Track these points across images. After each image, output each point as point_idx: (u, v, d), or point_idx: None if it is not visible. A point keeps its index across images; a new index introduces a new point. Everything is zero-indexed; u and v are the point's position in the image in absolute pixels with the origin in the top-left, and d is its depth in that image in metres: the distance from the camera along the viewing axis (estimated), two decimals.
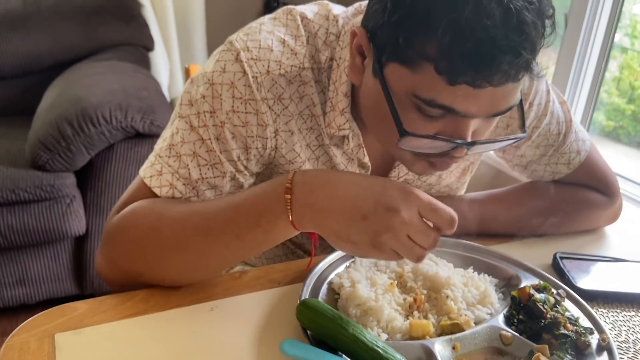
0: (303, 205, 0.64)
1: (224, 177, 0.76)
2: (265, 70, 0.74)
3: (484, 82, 0.59)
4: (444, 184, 0.93)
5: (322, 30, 0.77)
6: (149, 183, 0.75)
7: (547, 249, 0.89)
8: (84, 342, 0.65)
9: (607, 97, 1.99)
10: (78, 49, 2.12)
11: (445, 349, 0.66)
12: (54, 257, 1.76)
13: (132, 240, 0.73)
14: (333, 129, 0.78)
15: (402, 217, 0.60)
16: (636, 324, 0.77)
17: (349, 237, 0.62)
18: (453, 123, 0.65)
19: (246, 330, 0.69)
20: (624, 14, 1.86)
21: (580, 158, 0.93)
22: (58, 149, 1.62)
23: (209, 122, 0.74)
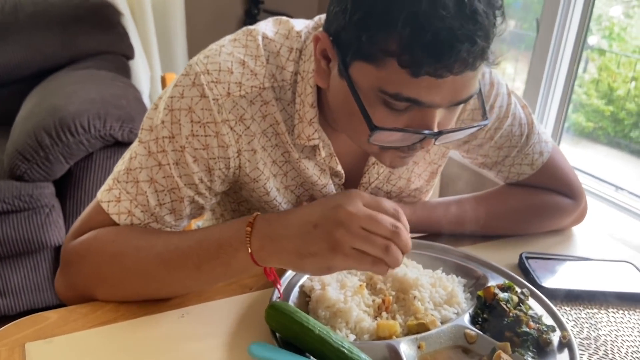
0: (261, 237, 0.66)
1: (181, 202, 0.78)
2: (225, 93, 0.75)
3: (445, 72, 0.61)
4: (413, 187, 0.96)
5: (284, 48, 0.79)
6: (107, 209, 0.76)
7: (514, 250, 0.91)
8: (54, 351, 0.66)
9: (586, 98, 2.03)
10: (57, 58, 2.11)
11: (411, 348, 0.67)
12: (33, 268, 1.76)
13: (94, 266, 0.75)
14: (303, 140, 0.80)
15: (347, 209, 0.62)
16: (598, 320, 0.79)
17: (308, 250, 0.63)
18: (419, 115, 0.67)
19: (217, 335, 0.70)
20: (602, 16, 1.90)
21: (543, 159, 0.96)
22: (36, 158, 1.62)
23: (168, 148, 0.75)
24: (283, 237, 0.65)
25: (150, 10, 2.44)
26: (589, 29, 1.80)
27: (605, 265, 0.90)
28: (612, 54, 1.93)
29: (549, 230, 1.01)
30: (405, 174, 0.94)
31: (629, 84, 1.87)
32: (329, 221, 0.63)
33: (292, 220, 0.66)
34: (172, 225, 0.79)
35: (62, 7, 2.14)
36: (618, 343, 0.74)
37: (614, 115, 1.93)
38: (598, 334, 0.76)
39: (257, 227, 0.67)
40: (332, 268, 0.64)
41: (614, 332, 0.76)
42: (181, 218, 0.79)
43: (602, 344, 0.74)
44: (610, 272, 0.88)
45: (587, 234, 1.03)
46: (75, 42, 2.14)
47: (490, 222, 0.95)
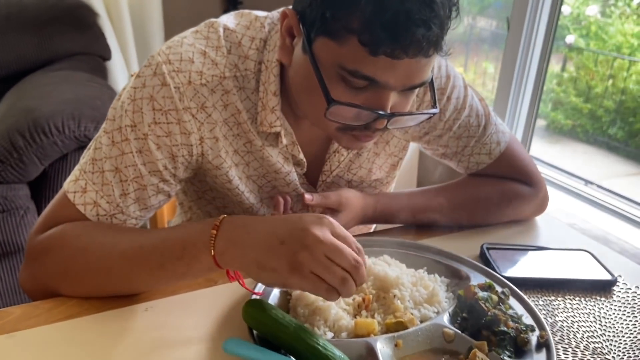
0: (226, 240, 0.67)
1: (145, 190, 0.79)
2: (187, 81, 0.77)
3: (401, 53, 0.65)
4: (373, 177, 0.98)
5: (246, 38, 0.81)
6: (73, 199, 0.77)
7: (476, 241, 0.93)
8: (17, 345, 0.66)
9: (565, 96, 2.06)
10: (32, 59, 2.10)
11: (387, 346, 0.67)
12: (9, 270, 1.74)
13: (59, 260, 0.75)
14: (265, 127, 0.82)
15: (316, 235, 0.63)
16: (555, 307, 0.81)
17: (269, 264, 0.64)
18: (374, 96, 0.70)
19: (184, 329, 0.71)
20: (580, 16, 1.93)
21: (500, 148, 0.99)
22: (10, 160, 1.61)
23: (131, 136, 0.76)
24: (247, 244, 0.66)
25: (127, 10, 2.43)
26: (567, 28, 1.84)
27: (564, 254, 0.92)
28: (590, 52, 1.96)
29: (511, 219, 1.03)
30: (366, 164, 0.96)
31: (607, 81, 1.90)
32: (295, 241, 0.63)
33: (259, 230, 0.66)
34: (138, 216, 0.80)
35: (37, 9, 2.13)
36: (574, 328, 0.76)
37: (592, 112, 1.96)
38: (555, 320, 0.78)
39: (222, 230, 0.67)
40: (287, 286, 0.65)
41: (570, 318, 0.79)
42: (146, 208, 0.80)
43: (559, 330, 0.76)
44: (568, 260, 0.91)
45: (547, 224, 1.05)
46: (50, 44, 2.12)
47: (451, 211, 0.98)
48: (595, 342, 0.74)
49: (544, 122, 2.13)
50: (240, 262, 0.66)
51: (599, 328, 0.77)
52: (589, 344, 0.73)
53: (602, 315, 0.79)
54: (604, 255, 0.93)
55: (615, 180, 1.83)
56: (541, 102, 1.88)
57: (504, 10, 2.18)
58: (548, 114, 2.12)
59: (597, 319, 0.78)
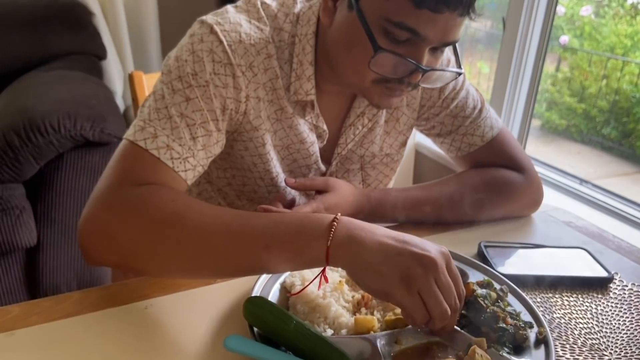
0: (345, 236, 0.65)
1: (210, 136, 0.81)
2: (238, 40, 0.82)
3: (442, 6, 0.72)
4: (384, 152, 1.03)
5: (281, 12, 0.87)
6: (145, 145, 0.74)
7: (474, 239, 0.94)
8: (16, 343, 0.66)
9: (559, 96, 2.07)
10: (27, 58, 2.09)
11: (388, 343, 0.67)
12: (5, 270, 1.74)
13: (151, 219, 0.69)
14: (301, 95, 0.87)
15: (435, 260, 0.62)
16: (552, 304, 0.82)
17: (380, 268, 0.63)
18: (412, 49, 0.76)
19: (182, 326, 0.71)
20: (574, 16, 1.95)
21: (493, 133, 1.03)
22: (5, 159, 1.60)
23: (193, 83, 0.79)
24: (363, 245, 0.64)
25: (123, 9, 2.43)
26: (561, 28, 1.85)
27: (561, 252, 0.93)
28: (584, 52, 1.97)
29: (506, 212, 1.04)
30: (378, 141, 1.01)
31: (600, 82, 1.92)
32: (413, 257, 0.62)
33: (377, 234, 0.65)
34: (204, 164, 0.81)
35: (32, 8, 2.12)
36: (572, 325, 0.77)
37: (586, 112, 1.98)
38: (552, 317, 0.79)
39: (342, 225, 0.66)
40: (389, 296, 0.63)
41: (568, 315, 0.79)
42: (211, 156, 0.82)
43: (556, 326, 0.77)
44: (565, 258, 0.91)
45: (544, 222, 1.06)
46: (45, 43, 2.11)
47: (444, 202, 0.99)
48: (592, 339, 0.74)
49: (539, 122, 2.15)
50: (351, 260, 0.64)
51: (597, 325, 0.77)
52: (586, 340, 0.74)
53: (600, 312, 0.80)
54: (600, 252, 0.94)
55: (609, 180, 1.84)
56: (536, 102, 1.89)
57: (498, 11, 2.19)
58: (542, 114, 2.13)
59: (594, 316, 0.79)
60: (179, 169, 0.77)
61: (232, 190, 0.98)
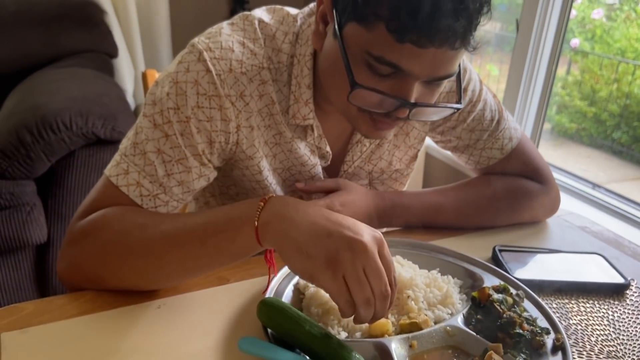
0: (272, 213, 0.65)
1: (189, 172, 0.79)
2: (228, 69, 0.78)
3: (426, 42, 0.65)
4: (393, 168, 0.99)
5: (280, 32, 0.83)
6: (116, 182, 0.77)
7: (488, 242, 0.93)
8: (30, 341, 0.66)
9: (569, 100, 2.06)
10: (39, 56, 2.10)
11: (402, 347, 0.67)
12: (15, 266, 1.74)
13: (100, 243, 0.74)
14: (298, 119, 0.84)
15: (365, 245, 0.61)
16: (569, 310, 0.81)
17: (307, 249, 0.62)
18: (398, 84, 0.71)
19: (195, 326, 0.71)
20: (585, 19, 1.93)
21: (512, 144, 0.99)
22: (17, 156, 1.61)
23: (174, 119, 0.76)
24: (293, 222, 0.64)
25: (134, 8, 2.43)
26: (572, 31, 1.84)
27: (577, 257, 0.92)
28: (595, 56, 1.96)
29: (524, 219, 1.02)
30: (386, 156, 0.97)
31: (611, 85, 1.90)
32: (343, 240, 0.61)
33: (309, 213, 0.65)
34: (179, 199, 0.80)
35: (45, 5, 2.13)
36: (588, 332, 0.76)
37: (597, 116, 1.97)
38: (569, 323, 0.78)
39: (270, 204, 0.66)
40: (314, 279, 0.62)
41: (584, 321, 0.78)
42: (189, 191, 0.80)
43: (573, 333, 0.76)
44: (581, 263, 0.90)
45: (559, 227, 1.05)
46: (57, 41, 2.13)
47: (461, 208, 0.97)
48: (609, 346, 0.73)
49: (548, 125, 2.14)
50: (279, 238, 0.64)
51: (613, 331, 0.76)
52: (603, 347, 0.73)
53: (616, 319, 0.79)
54: (616, 258, 0.93)
55: (619, 184, 1.83)
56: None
57: (508, 13, 2.18)
58: (552, 117, 2.12)
59: (610, 323, 0.78)
60: (147, 205, 0.78)
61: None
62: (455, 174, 2.10)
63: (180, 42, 2.67)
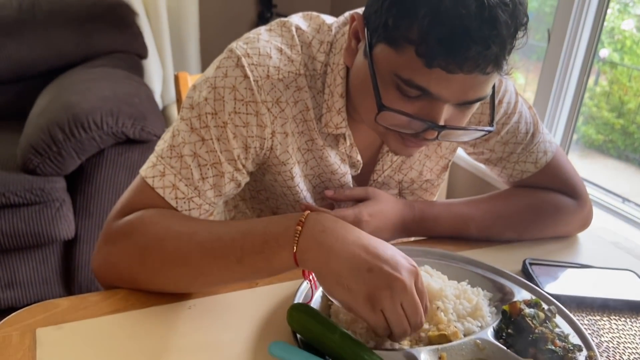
0: (311, 240, 0.66)
1: (222, 177, 0.80)
2: (265, 75, 0.79)
3: (455, 68, 0.65)
4: (424, 178, 0.98)
5: (316, 40, 0.83)
6: (152, 184, 0.78)
7: (517, 255, 0.92)
8: (64, 337, 0.67)
9: (597, 111, 2.03)
10: (71, 55, 2.15)
11: (431, 358, 0.66)
12: (42, 261, 1.78)
13: (137, 247, 0.75)
14: (331, 128, 0.84)
15: (404, 282, 0.63)
16: (600, 327, 0.79)
17: (348, 283, 0.63)
18: (427, 106, 0.70)
19: (225, 328, 0.71)
20: (614, 30, 1.91)
21: (547, 158, 0.97)
22: (49, 153, 1.64)
23: (211, 123, 0.77)
24: (332, 252, 0.64)
25: (165, 11, 2.47)
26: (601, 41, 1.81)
27: (608, 273, 0.90)
28: (624, 67, 1.93)
29: (554, 234, 1.01)
30: (417, 166, 0.96)
31: None
32: (383, 277, 0.63)
33: (348, 240, 0.66)
34: (212, 202, 0.81)
35: (78, 6, 2.18)
36: (620, 350, 0.75)
37: (624, 128, 1.93)
38: (600, 340, 0.76)
39: (307, 227, 0.66)
40: (352, 310, 0.65)
41: (616, 339, 0.77)
42: (220, 195, 0.81)
43: (604, 350, 0.74)
44: (613, 280, 0.89)
45: (591, 242, 1.03)
46: (90, 41, 2.17)
47: (491, 221, 0.96)
48: None
49: (575, 135, 2.11)
50: (319, 267, 0.65)
51: None
52: None
53: None
54: None
55: None
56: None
57: (536, 21, 2.15)
58: (579, 128, 2.09)
59: None
60: (182, 208, 0.78)
61: (267, 208, 0.97)
62: (480, 183, 2.09)
63: (209, 44, 2.70)
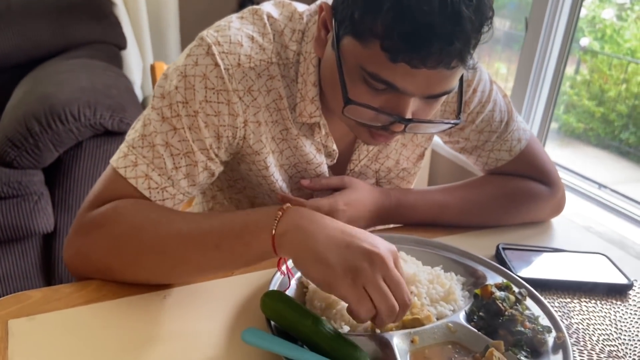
0: (290, 224, 0.66)
1: (196, 166, 0.79)
2: (236, 63, 0.78)
3: (419, 63, 0.65)
4: (401, 167, 0.99)
5: (288, 28, 0.82)
6: (124, 174, 0.77)
7: (491, 240, 0.93)
8: (37, 328, 0.67)
9: (577, 99, 2.05)
10: (48, 46, 2.11)
11: (404, 342, 0.67)
12: (22, 255, 1.76)
13: (112, 236, 0.74)
14: (305, 117, 0.84)
15: (383, 257, 0.62)
16: (571, 309, 0.81)
17: (326, 259, 0.62)
18: (394, 100, 0.71)
19: (200, 317, 0.71)
20: (595, 19, 1.92)
21: (520, 146, 0.99)
22: (26, 145, 1.62)
23: (182, 112, 0.77)
24: (311, 233, 0.65)
25: (144, 0, 2.44)
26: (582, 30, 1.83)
27: (580, 257, 0.92)
28: (604, 56, 1.95)
29: (528, 220, 1.02)
30: (393, 155, 0.97)
31: (620, 86, 1.89)
32: (361, 252, 0.62)
33: (327, 225, 0.66)
34: (185, 192, 0.80)
35: None
36: (590, 331, 0.76)
37: (605, 116, 1.95)
38: (570, 322, 0.78)
39: (288, 214, 0.67)
40: (332, 288, 0.63)
41: (586, 320, 0.79)
42: (194, 185, 0.81)
43: (574, 332, 0.76)
44: (585, 263, 0.90)
45: (563, 226, 1.05)
46: (67, 31, 2.13)
47: (466, 208, 0.97)
48: (610, 345, 0.74)
49: (555, 124, 2.13)
50: (297, 248, 0.65)
51: (615, 331, 0.76)
52: (604, 346, 0.73)
53: (618, 319, 0.79)
54: (620, 259, 0.93)
55: (625, 186, 1.82)
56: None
57: (518, 11, 2.17)
58: (560, 116, 2.11)
59: (612, 323, 0.78)
60: (155, 198, 0.78)
61: (245, 198, 0.97)
62: (461, 171, 2.10)
63: (189, 34, 2.67)
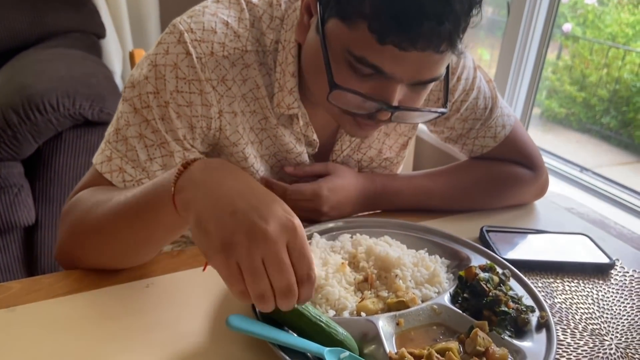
0: (188, 180, 0.59)
1: (172, 156, 0.78)
2: (209, 52, 0.75)
3: (408, 45, 0.63)
4: (383, 157, 0.98)
5: (266, 15, 0.80)
6: (100, 169, 0.77)
7: (476, 223, 0.94)
8: (17, 319, 0.66)
9: (559, 85, 2.06)
10: (25, 36, 2.06)
11: (389, 324, 0.67)
12: (3, 248, 1.73)
13: (70, 224, 0.75)
14: (282, 108, 0.81)
15: (268, 233, 0.53)
16: (554, 289, 0.82)
17: (206, 225, 0.55)
18: (380, 86, 0.69)
19: (184, 305, 0.71)
20: (577, 4, 1.93)
21: (505, 132, 0.99)
22: (4, 137, 1.59)
23: (153, 103, 0.75)
24: (201, 192, 0.57)
25: None
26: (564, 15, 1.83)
27: (563, 238, 0.93)
28: (586, 41, 1.96)
29: (512, 203, 1.03)
30: (376, 145, 0.96)
31: (601, 70, 1.90)
32: (243, 224, 0.54)
33: (225, 184, 0.58)
34: None
35: None
36: (573, 310, 0.77)
37: (586, 101, 1.96)
38: (554, 301, 0.79)
39: (190, 169, 0.60)
40: (207, 257, 0.56)
41: (569, 299, 0.79)
42: None
43: (558, 311, 0.77)
44: (567, 244, 0.91)
45: (546, 208, 1.06)
46: (44, 20, 2.09)
47: (451, 193, 0.97)
48: (593, 324, 0.74)
49: (538, 110, 2.14)
50: (188, 206, 0.58)
51: (597, 310, 0.77)
52: (587, 325, 0.74)
53: (600, 298, 0.80)
54: (602, 239, 0.94)
55: (607, 169, 1.84)
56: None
57: None
58: (542, 101, 2.12)
59: (595, 301, 0.79)
60: None
61: None
62: (446, 157, 2.11)
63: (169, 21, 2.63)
